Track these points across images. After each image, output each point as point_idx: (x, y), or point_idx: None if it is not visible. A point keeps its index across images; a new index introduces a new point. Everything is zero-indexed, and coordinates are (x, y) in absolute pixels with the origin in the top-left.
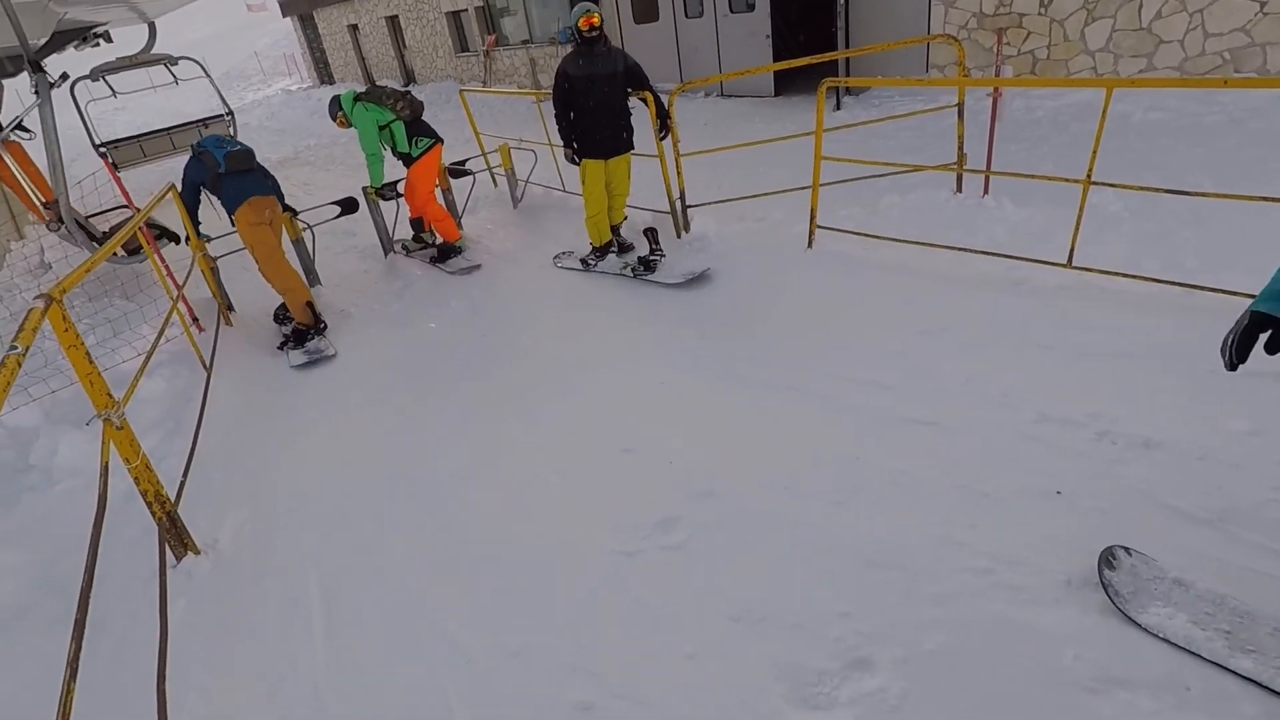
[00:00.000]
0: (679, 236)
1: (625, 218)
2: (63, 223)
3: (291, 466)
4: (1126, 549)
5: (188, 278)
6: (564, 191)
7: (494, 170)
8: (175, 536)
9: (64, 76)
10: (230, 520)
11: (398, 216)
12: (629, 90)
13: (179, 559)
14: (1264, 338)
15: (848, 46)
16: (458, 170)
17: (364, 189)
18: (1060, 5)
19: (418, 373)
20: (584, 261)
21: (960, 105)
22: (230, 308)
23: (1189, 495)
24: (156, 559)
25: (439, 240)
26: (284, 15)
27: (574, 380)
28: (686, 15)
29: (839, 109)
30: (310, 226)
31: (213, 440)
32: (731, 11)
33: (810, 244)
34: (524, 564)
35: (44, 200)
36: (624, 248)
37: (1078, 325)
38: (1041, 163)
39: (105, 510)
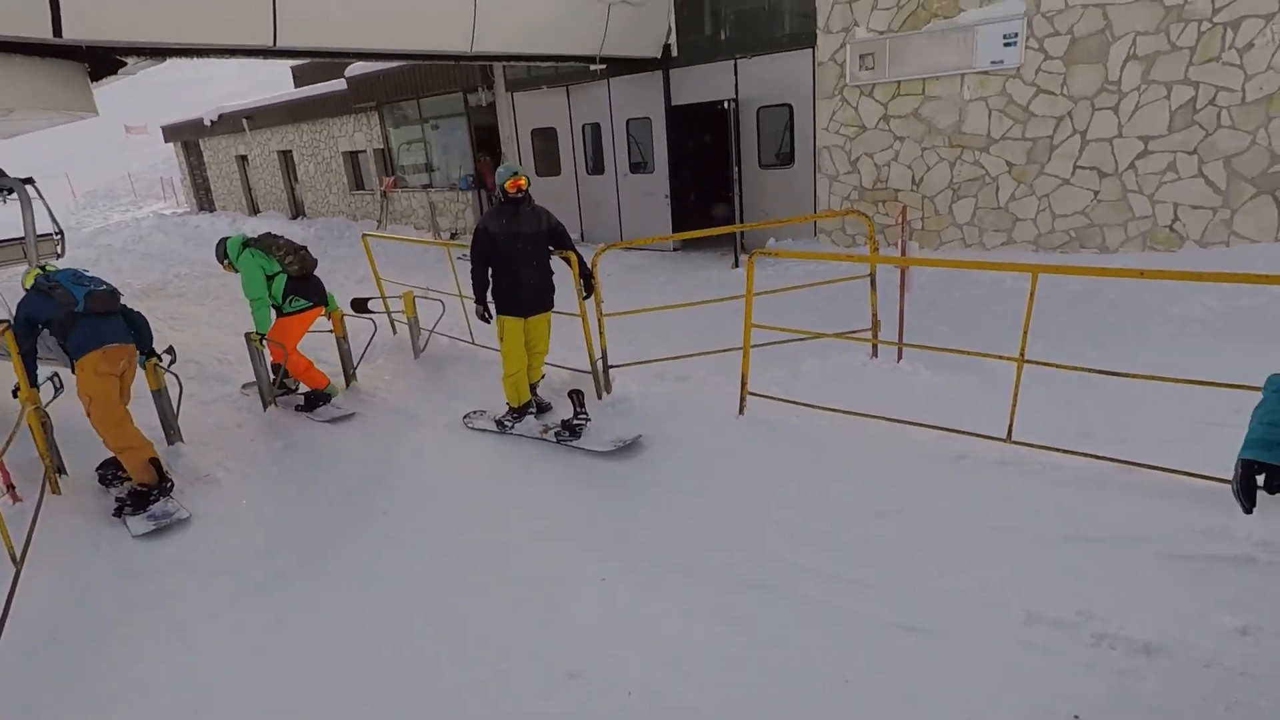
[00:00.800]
0: (600, 398)
1: (543, 376)
2: None
3: (125, 708)
4: None
5: (11, 437)
6: (472, 344)
7: (394, 315)
8: None
9: None
10: None
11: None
12: (551, 249)
13: None
14: (1260, 479)
15: (741, 213)
16: (361, 306)
17: (247, 335)
18: (930, 183)
19: (301, 560)
20: (500, 423)
21: (872, 276)
22: (61, 470)
23: (1209, 713)
24: None
25: (304, 388)
26: (166, 140)
27: (499, 575)
28: (588, 172)
29: (737, 267)
30: (176, 375)
31: (14, 667)
32: (631, 171)
33: (742, 410)
34: None
35: None
36: (542, 408)
37: (1034, 506)
38: (937, 326)
39: None
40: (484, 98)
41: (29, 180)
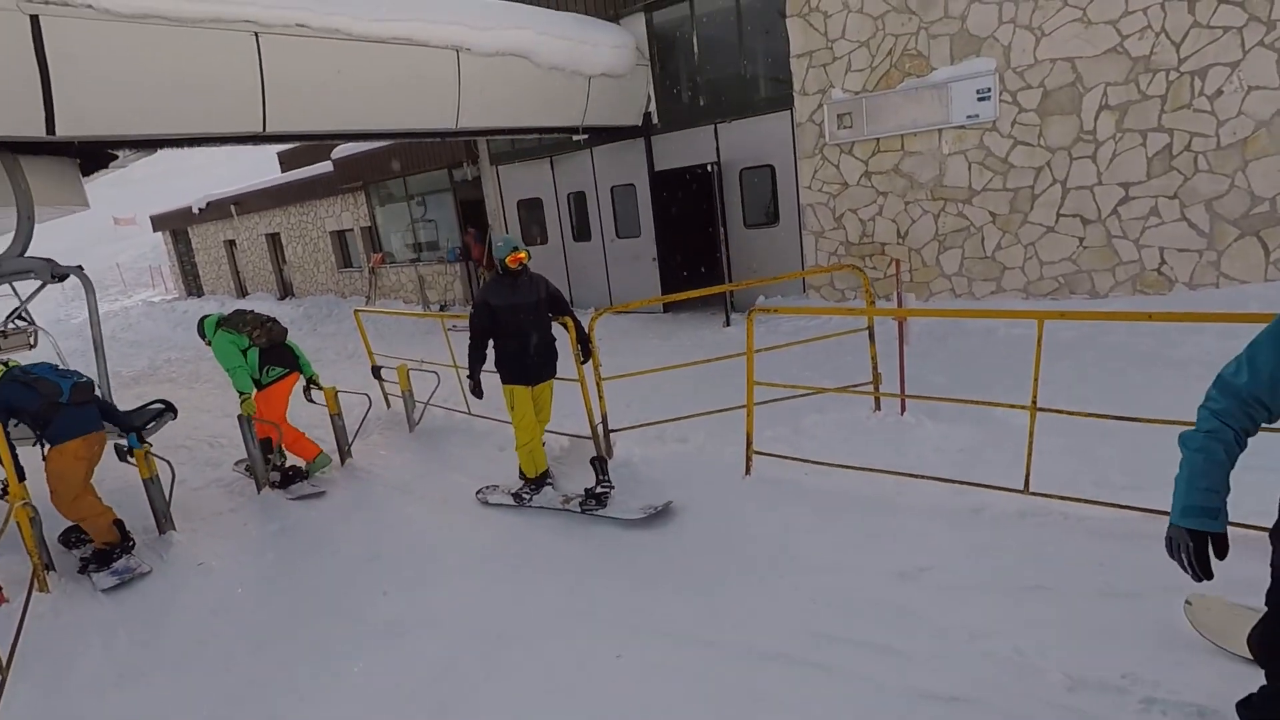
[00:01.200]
0: None
1: (544, 443)
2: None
3: None
4: None
5: None
6: (468, 414)
7: (387, 389)
8: None
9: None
10: None
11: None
12: (550, 315)
13: None
14: (1211, 550)
15: (730, 273)
16: (377, 374)
17: (239, 417)
18: (916, 236)
19: (301, 652)
20: (518, 496)
21: (870, 330)
22: (49, 567)
23: None
24: None
25: (285, 463)
26: (155, 230)
27: (508, 657)
28: (575, 239)
29: (728, 325)
30: (169, 461)
31: None
32: (619, 236)
33: (748, 470)
34: None
35: None
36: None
37: (1061, 560)
38: (933, 376)
39: None
40: (469, 172)
41: (79, 268)
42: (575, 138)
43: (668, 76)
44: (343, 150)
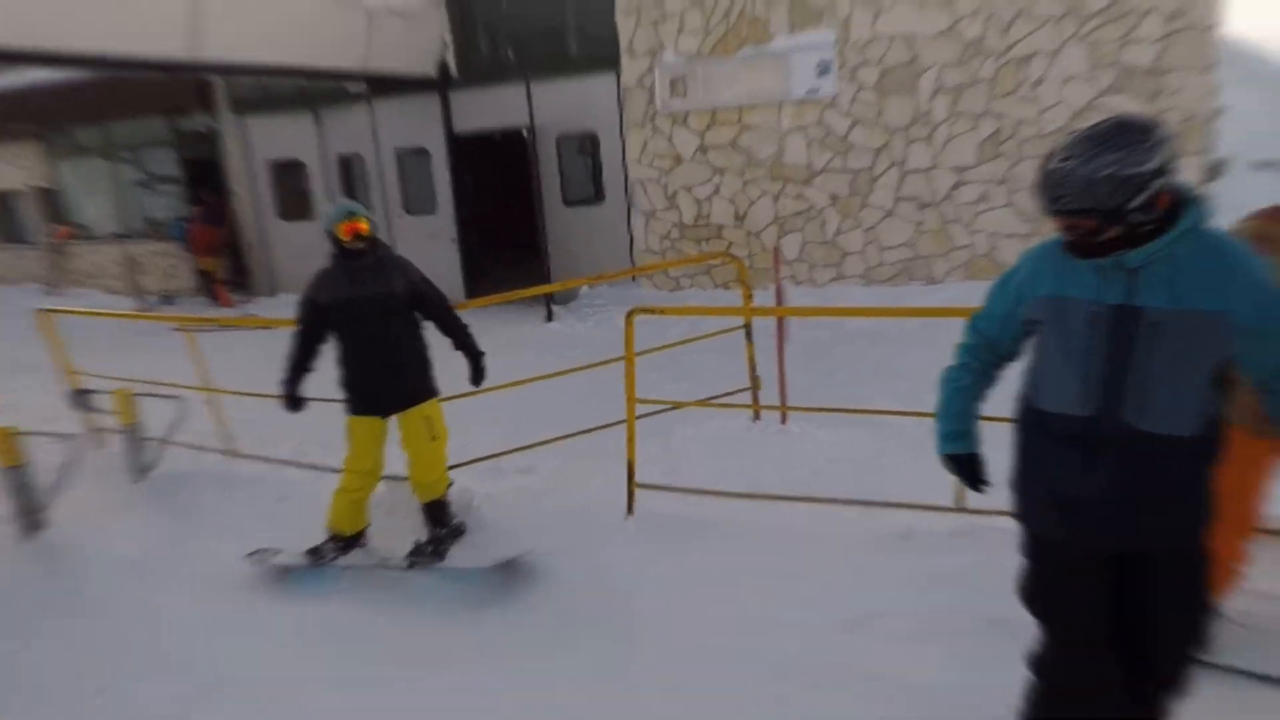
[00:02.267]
0: None
1: (445, 492)
2: None
3: None
4: None
5: None
6: (224, 454)
7: (98, 422)
8: None
9: None
10: None
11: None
12: (418, 318)
13: None
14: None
15: (548, 256)
16: (83, 401)
17: None
18: (754, 219)
19: None
20: (315, 552)
21: (748, 327)
22: None
23: None
24: None
25: None
26: None
27: None
28: None
29: (550, 320)
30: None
31: None
32: (409, 212)
33: (630, 509)
34: None
35: None
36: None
37: (1010, 589)
38: (795, 376)
39: None
40: (201, 123)
41: None
42: (351, 88)
43: (469, 21)
44: (10, 80)
